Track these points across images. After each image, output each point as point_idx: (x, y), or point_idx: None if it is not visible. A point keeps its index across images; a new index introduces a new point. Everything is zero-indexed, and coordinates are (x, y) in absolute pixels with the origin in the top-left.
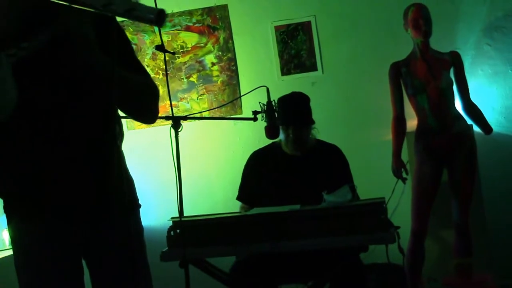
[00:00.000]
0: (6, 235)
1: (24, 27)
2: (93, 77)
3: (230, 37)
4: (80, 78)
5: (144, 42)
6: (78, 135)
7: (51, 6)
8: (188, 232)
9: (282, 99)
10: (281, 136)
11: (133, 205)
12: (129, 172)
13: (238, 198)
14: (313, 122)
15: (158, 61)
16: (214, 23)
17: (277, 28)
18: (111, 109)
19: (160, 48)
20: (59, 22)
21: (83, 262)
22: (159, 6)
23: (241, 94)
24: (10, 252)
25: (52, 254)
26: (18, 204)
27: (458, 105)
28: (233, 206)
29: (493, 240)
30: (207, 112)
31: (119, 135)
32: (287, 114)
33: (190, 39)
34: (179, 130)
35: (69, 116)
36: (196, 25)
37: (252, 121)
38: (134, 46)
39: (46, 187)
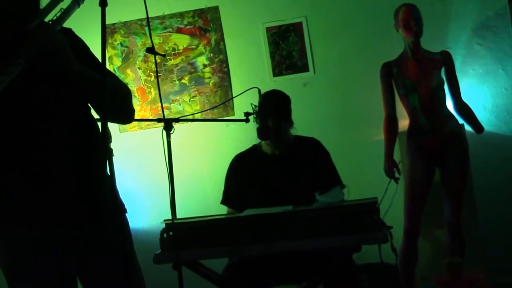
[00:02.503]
0: None
1: None
2: (70, 83)
3: (221, 38)
4: (59, 84)
5: (135, 45)
6: (61, 138)
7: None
8: (181, 234)
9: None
10: None
11: (121, 209)
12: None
13: (223, 203)
14: (291, 121)
15: (149, 63)
16: (206, 25)
17: (268, 29)
18: (105, 113)
19: (151, 50)
20: (34, 42)
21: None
22: (150, 9)
23: (233, 96)
24: None
25: (43, 261)
26: (2, 212)
27: (450, 104)
28: (225, 207)
29: (485, 239)
30: (199, 114)
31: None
32: (265, 110)
33: (182, 41)
34: (171, 132)
35: (52, 120)
36: (188, 27)
37: (244, 123)
38: (125, 49)
39: (32, 192)
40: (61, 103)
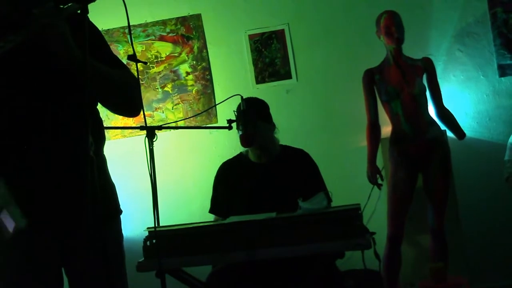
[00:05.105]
0: None
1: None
2: (68, 77)
3: (204, 46)
4: (55, 79)
5: (118, 53)
6: (52, 142)
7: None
8: (164, 242)
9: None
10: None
11: (114, 211)
12: (110, 178)
13: (211, 211)
14: (272, 123)
15: (132, 71)
16: (188, 32)
17: (251, 37)
18: (85, 115)
19: (132, 58)
20: (35, 20)
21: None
22: (132, 17)
23: (216, 103)
24: None
25: (29, 263)
26: None
27: (432, 111)
28: (210, 215)
29: (468, 244)
30: (182, 121)
31: (102, 141)
32: (243, 117)
33: (164, 48)
34: (154, 140)
35: (43, 123)
36: (170, 34)
37: (227, 130)
38: None
39: (18, 195)
40: (58, 102)
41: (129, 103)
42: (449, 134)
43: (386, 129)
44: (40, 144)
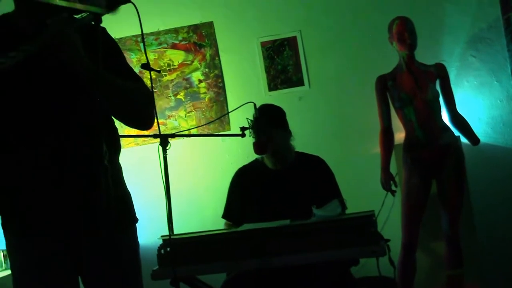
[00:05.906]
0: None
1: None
2: (81, 86)
3: (216, 54)
4: (67, 87)
5: (130, 61)
6: (66, 150)
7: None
8: (178, 250)
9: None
10: None
11: (129, 220)
12: (126, 187)
13: (224, 217)
14: (288, 131)
15: (145, 79)
16: (200, 40)
17: (263, 44)
18: (98, 124)
19: (146, 66)
20: (46, 32)
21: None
22: (144, 25)
23: (229, 111)
24: (7, 272)
25: (46, 272)
26: (9, 221)
27: (445, 116)
28: (223, 223)
29: (483, 250)
30: (195, 129)
31: (117, 150)
32: (258, 124)
33: (177, 56)
34: (167, 148)
35: (58, 132)
36: (183, 42)
37: (240, 137)
38: None
39: (34, 204)
40: (69, 111)
41: (141, 116)
42: (463, 140)
43: (400, 136)
44: (49, 149)
